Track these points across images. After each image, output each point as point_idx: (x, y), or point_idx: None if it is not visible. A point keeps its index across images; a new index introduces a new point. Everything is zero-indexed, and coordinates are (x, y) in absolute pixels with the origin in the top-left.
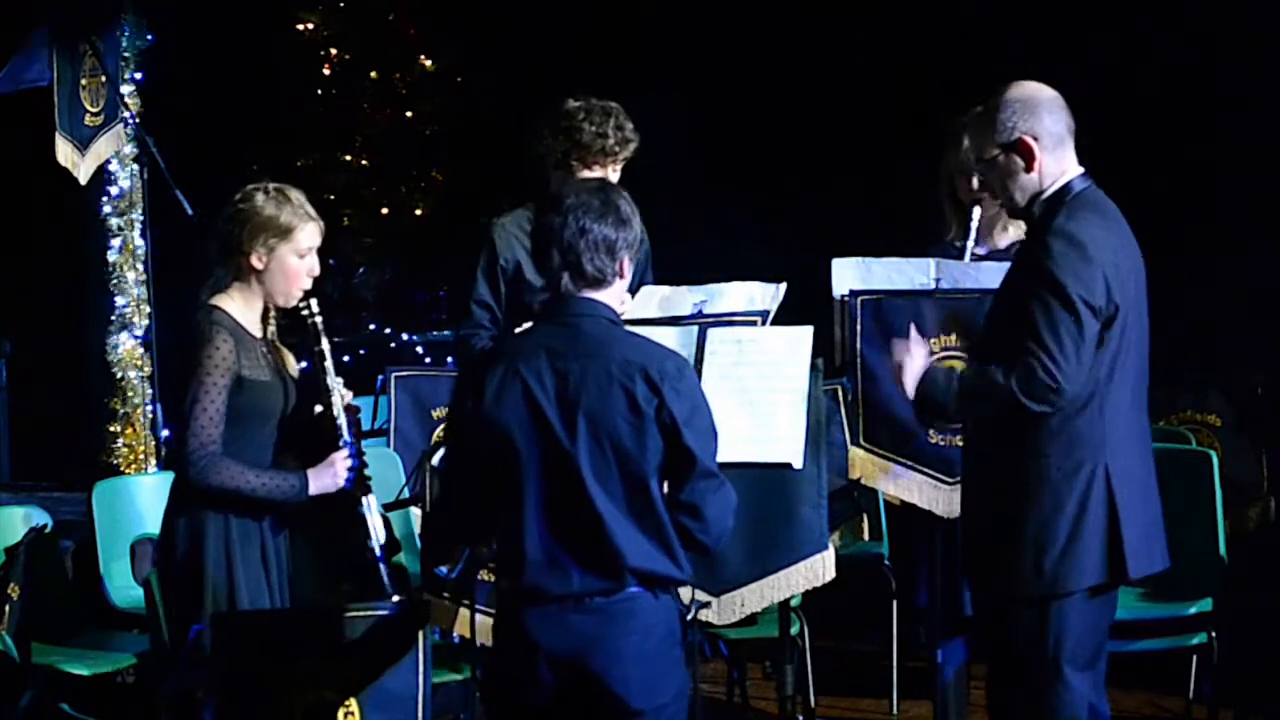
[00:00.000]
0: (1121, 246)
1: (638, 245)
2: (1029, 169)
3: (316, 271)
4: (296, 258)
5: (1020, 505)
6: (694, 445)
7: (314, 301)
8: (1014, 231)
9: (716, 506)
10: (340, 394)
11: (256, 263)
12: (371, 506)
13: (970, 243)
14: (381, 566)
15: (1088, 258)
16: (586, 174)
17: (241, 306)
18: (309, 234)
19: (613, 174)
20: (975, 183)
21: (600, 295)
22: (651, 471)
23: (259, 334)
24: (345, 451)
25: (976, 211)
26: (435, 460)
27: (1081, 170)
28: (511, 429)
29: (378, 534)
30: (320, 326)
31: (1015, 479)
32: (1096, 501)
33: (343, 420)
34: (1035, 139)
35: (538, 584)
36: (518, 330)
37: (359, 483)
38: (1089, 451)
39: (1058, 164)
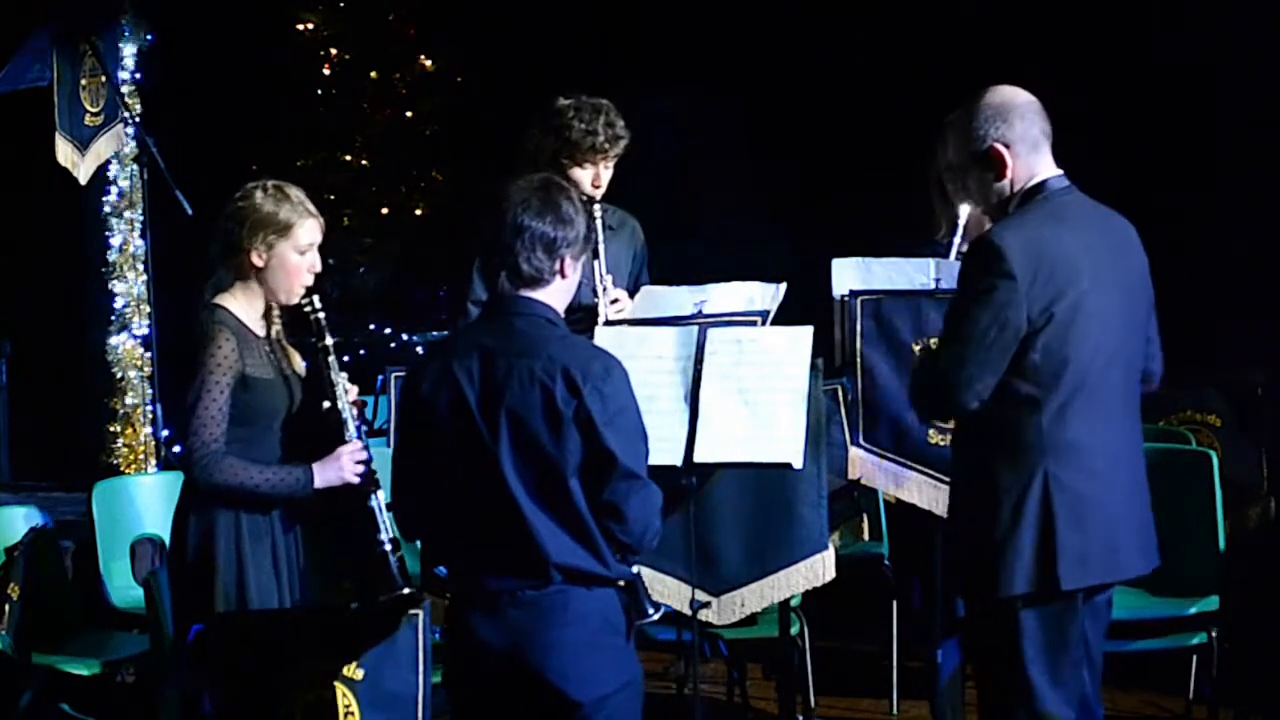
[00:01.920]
0: (1067, 252)
1: (581, 244)
2: (999, 177)
3: (318, 268)
4: (297, 254)
5: (969, 510)
6: (614, 446)
7: (316, 298)
8: None
9: (638, 507)
10: (345, 389)
11: (257, 260)
12: (380, 501)
13: (957, 240)
14: (391, 560)
15: (1002, 270)
16: (578, 172)
17: (244, 305)
18: (308, 230)
19: (605, 171)
20: (950, 184)
21: (539, 294)
22: (571, 471)
23: (262, 333)
24: (352, 446)
25: (964, 210)
26: None
27: (1058, 173)
28: (443, 424)
29: (387, 528)
30: (324, 322)
31: (968, 484)
32: (1030, 511)
33: (349, 415)
34: (1007, 146)
35: (474, 580)
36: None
37: (367, 478)
38: (1028, 459)
39: (1029, 170)
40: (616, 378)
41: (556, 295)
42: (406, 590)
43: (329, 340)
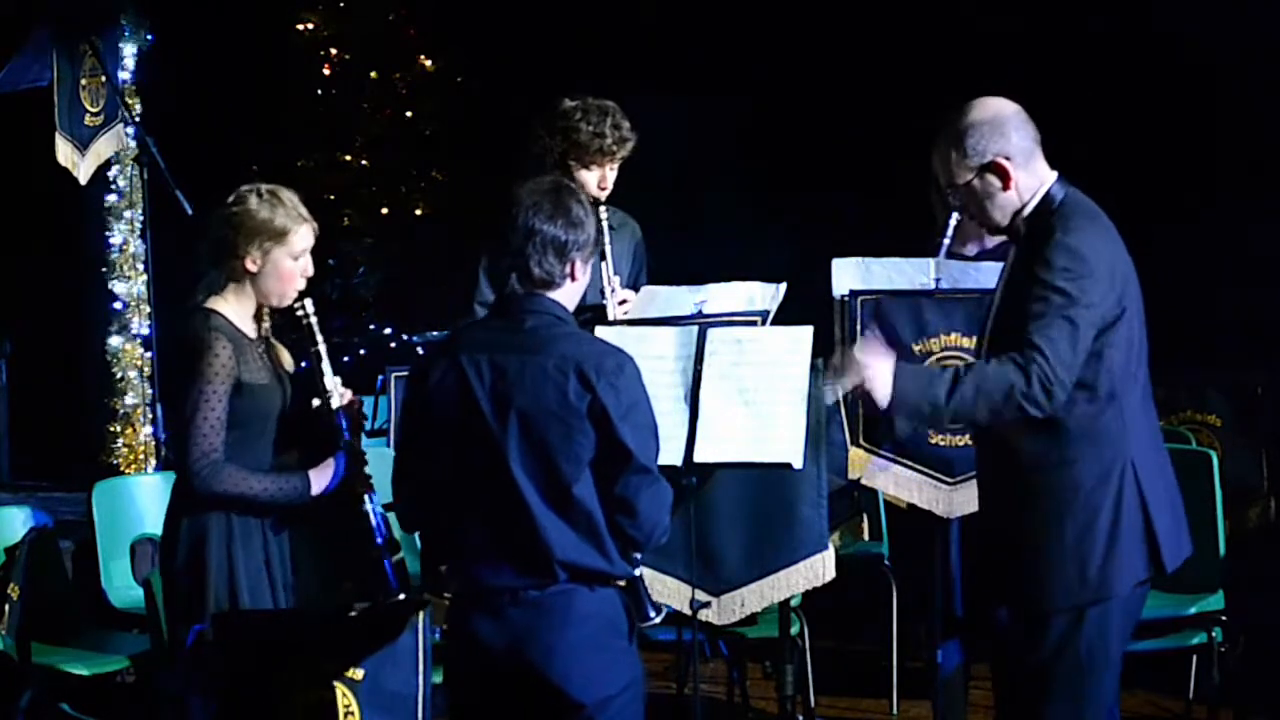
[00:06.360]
0: (1118, 248)
1: (591, 246)
2: (1005, 188)
3: (310, 272)
4: (291, 260)
5: (1054, 516)
6: (629, 440)
7: (308, 301)
8: None
9: (649, 502)
10: (339, 394)
11: (251, 266)
12: (375, 504)
13: (946, 240)
14: (385, 563)
15: (1091, 271)
16: (584, 173)
17: (236, 308)
18: (303, 236)
19: (610, 173)
20: (953, 202)
21: (550, 294)
22: (581, 468)
23: (254, 334)
24: (346, 451)
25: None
26: None
27: (1056, 175)
28: (448, 420)
29: (381, 531)
30: (315, 327)
31: (1044, 490)
32: (1129, 500)
33: (341, 421)
34: (1008, 158)
35: (475, 577)
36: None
37: (361, 481)
38: (1115, 451)
39: (1032, 176)
40: (629, 372)
41: (566, 296)
42: (402, 596)
43: (322, 346)
